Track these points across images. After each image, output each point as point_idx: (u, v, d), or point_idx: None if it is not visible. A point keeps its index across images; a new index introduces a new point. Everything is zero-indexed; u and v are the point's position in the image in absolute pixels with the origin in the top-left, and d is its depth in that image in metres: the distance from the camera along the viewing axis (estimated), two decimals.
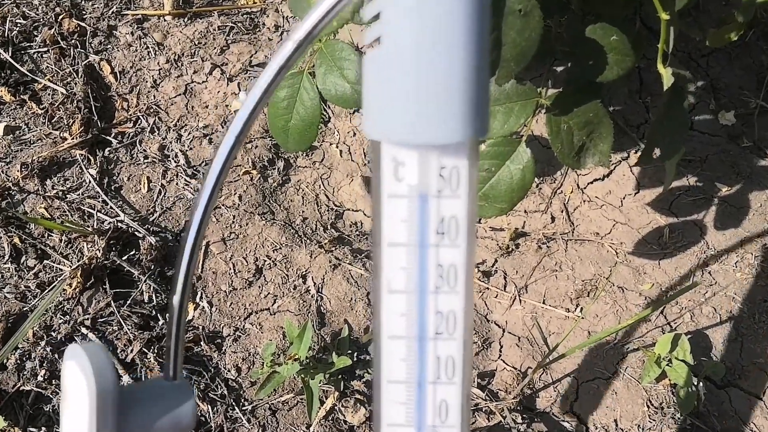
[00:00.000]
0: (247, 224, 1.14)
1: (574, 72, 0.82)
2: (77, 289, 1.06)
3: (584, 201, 1.17)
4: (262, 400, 1.02)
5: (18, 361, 1.01)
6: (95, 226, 1.11)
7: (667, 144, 0.79)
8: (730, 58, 1.26)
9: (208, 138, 1.20)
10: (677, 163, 0.84)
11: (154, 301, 1.08)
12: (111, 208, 1.13)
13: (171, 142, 1.19)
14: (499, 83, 0.75)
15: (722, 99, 1.24)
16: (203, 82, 1.22)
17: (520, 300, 1.11)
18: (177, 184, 1.17)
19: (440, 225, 0.34)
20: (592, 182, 1.18)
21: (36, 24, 1.25)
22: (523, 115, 0.82)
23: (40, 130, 1.18)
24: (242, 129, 0.35)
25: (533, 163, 0.82)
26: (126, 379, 1.02)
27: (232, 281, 1.10)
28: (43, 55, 1.22)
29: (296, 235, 1.14)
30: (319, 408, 1.01)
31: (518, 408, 1.04)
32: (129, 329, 1.05)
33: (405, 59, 0.30)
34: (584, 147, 0.84)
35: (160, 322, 1.07)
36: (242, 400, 1.03)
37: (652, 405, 1.04)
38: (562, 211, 1.17)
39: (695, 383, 1.02)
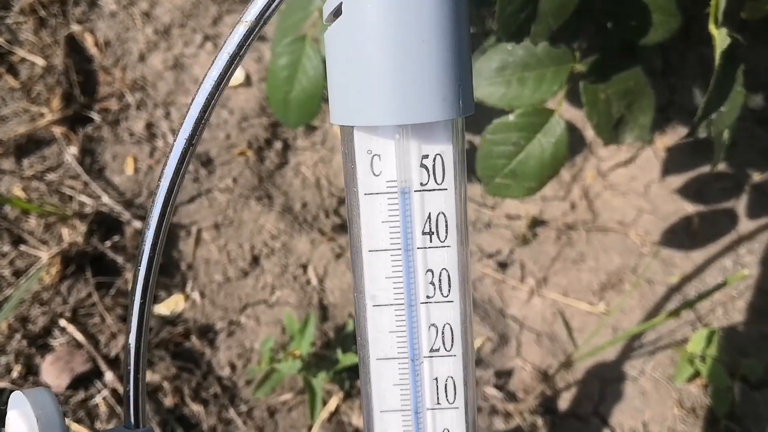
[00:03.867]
0: (242, 209, 1.05)
1: (615, 34, 0.73)
2: (56, 278, 0.97)
3: (606, 187, 1.09)
4: (259, 400, 0.93)
5: None
6: (76, 209, 1.02)
7: (720, 115, 0.71)
8: (757, 35, 1.18)
9: None
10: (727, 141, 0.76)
11: None
12: (93, 189, 1.04)
13: (159, 120, 1.10)
14: (534, 41, 0.66)
15: (750, 81, 1.16)
16: (194, 55, 1.13)
17: (539, 293, 1.02)
18: None
19: (426, 223, 0.30)
20: (614, 167, 1.10)
21: None
22: (556, 82, 0.74)
23: (17, 105, 1.08)
24: (194, 130, 0.31)
25: (567, 135, 0.74)
26: (109, 377, 0.93)
27: (226, 271, 1.01)
28: (21, 25, 1.13)
29: (296, 222, 1.05)
30: (322, 409, 0.92)
31: (539, 410, 0.95)
32: (113, 322, 0.95)
33: (371, 30, 0.27)
34: (623, 120, 0.76)
35: None
36: (237, 401, 0.94)
37: (684, 407, 0.96)
38: (582, 198, 1.08)
39: (731, 383, 0.94)
